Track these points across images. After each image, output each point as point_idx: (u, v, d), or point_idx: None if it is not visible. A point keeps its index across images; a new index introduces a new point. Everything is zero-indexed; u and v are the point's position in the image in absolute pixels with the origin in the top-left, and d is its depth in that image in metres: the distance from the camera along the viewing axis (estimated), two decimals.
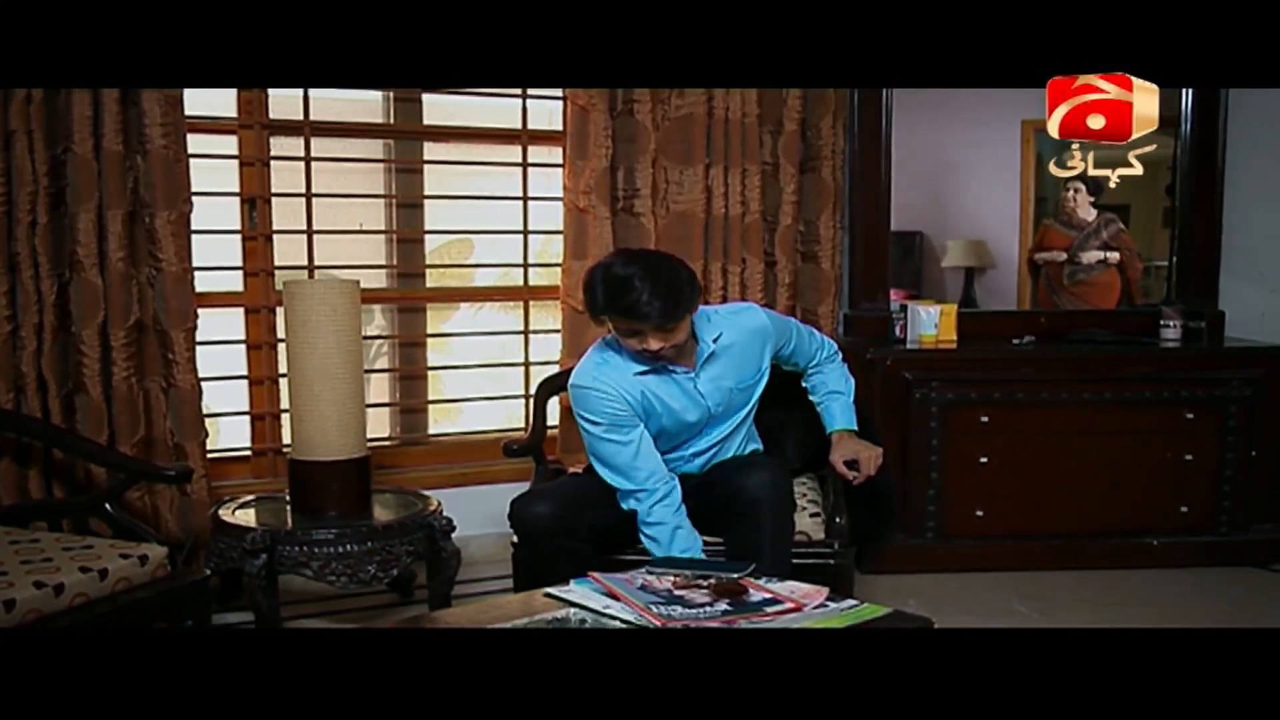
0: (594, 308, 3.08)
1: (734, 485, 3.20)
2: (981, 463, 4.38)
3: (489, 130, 4.52)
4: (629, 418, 3.17)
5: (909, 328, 4.57)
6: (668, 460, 3.31)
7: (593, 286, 3.06)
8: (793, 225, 4.54)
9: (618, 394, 3.16)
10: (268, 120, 4.07)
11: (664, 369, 3.20)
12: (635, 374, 3.19)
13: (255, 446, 4.18)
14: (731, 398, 3.33)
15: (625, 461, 3.17)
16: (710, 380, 3.27)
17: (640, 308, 2.99)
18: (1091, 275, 5.09)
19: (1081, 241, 5.10)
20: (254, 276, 4.11)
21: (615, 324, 3.07)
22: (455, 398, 4.81)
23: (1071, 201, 5.07)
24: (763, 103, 4.41)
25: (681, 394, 3.25)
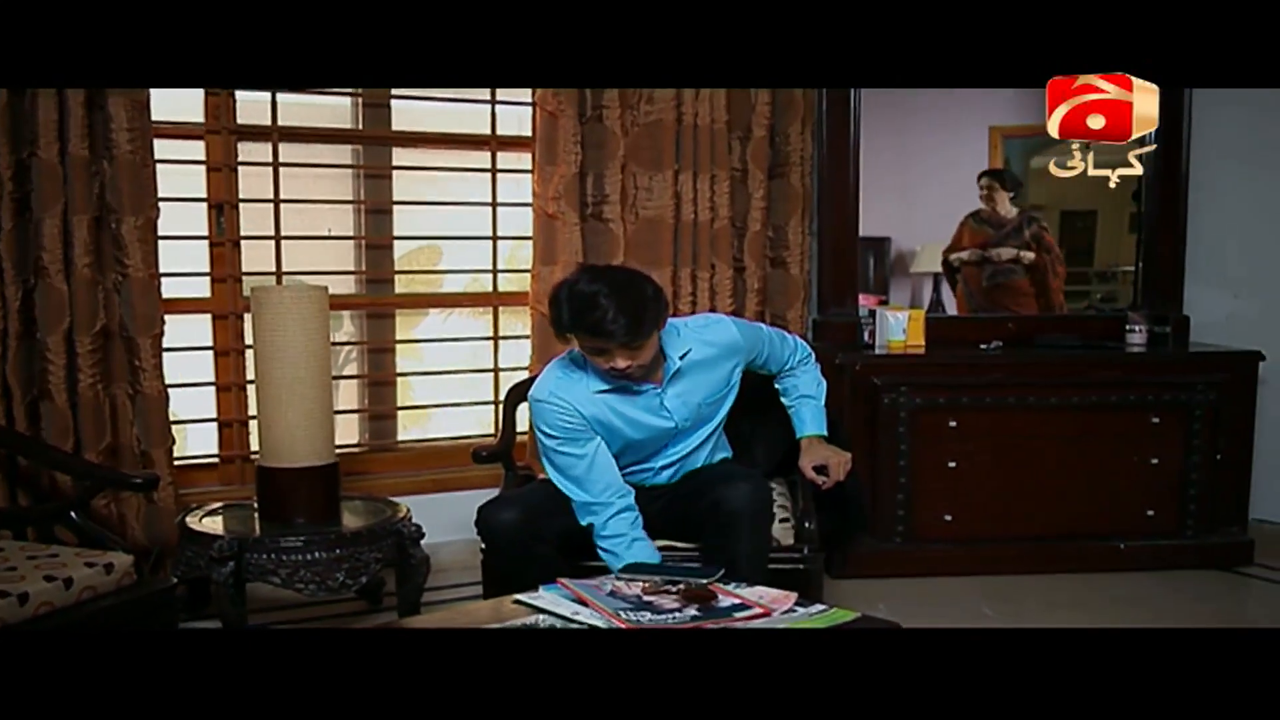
0: (559, 325, 3.04)
1: (714, 496, 3.17)
2: (950, 467, 4.40)
3: (458, 136, 4.51)
4: (585, 432, 3.15)
5: (878, 333, 4.59)
6: (635, 472, 3.30)
7: (557, 304, 3.03)
8: (761, 231, 4.55)
9: (573, 410, 3.14)
10: (235, 125, 4.06)
11: (628, 386, 3.18)
12: (595, 392, 3.16)
13: (223, 453, 4.16)
14: (700, 412, 3.31)
15: (581, 474, 3.15)
16: (677, 396, 3.25)
17: (605, 325, 2.94)
18: (1009, 279, 5.07)
19: (999, 239, 5.09)
20: (221, 283, 4.09)
21: (581, 342, 3.04)
22: (424, 404, 4.80)
23: (986, 198, 5.06)
24: (731, 109, 4.42)
25: (646, 410, 3.23)
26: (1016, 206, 5.08)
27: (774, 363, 3.49)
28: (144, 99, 3.65)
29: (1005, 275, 5.09)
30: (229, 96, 4.02)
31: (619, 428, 3.21)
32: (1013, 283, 5.09)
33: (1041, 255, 5.12)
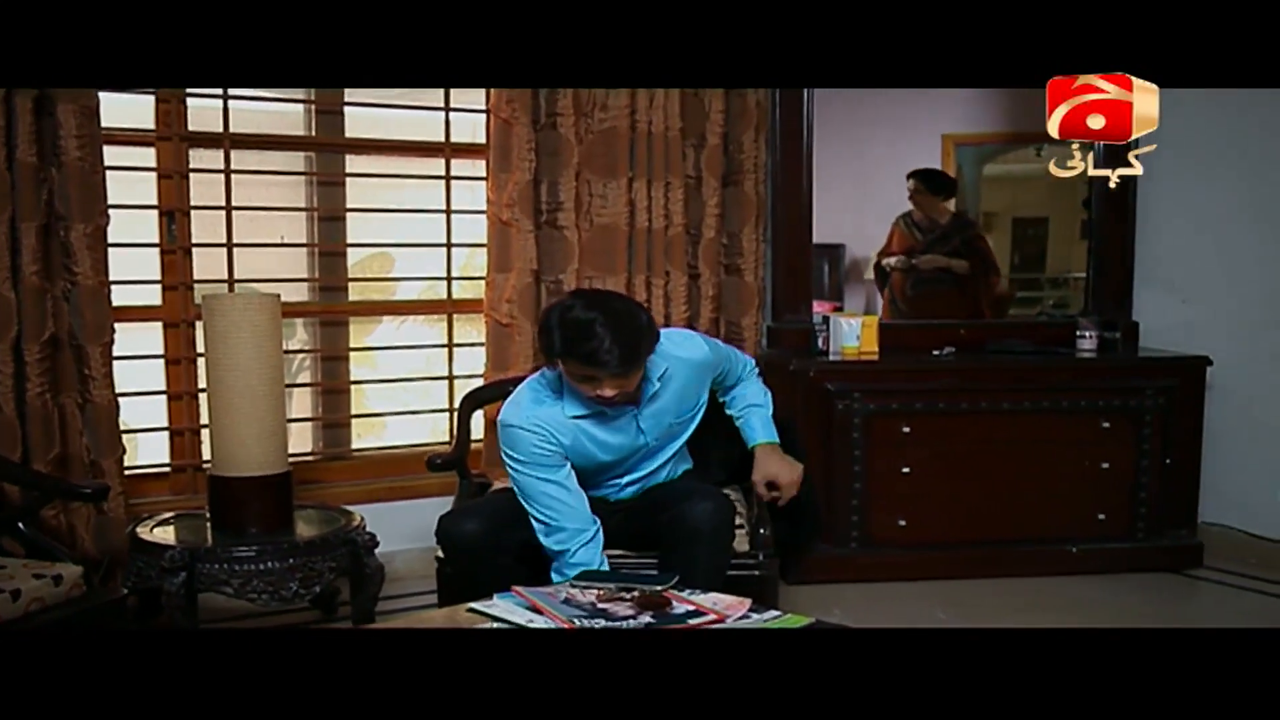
0: (549, 351, 2.99)
1: (676, 512, 3.15)
2: (904, 472, 4.43)
3: (412, 143, 4.49)
4: (557, 459, 3.11)
5: (831, 340, 4.60)
6: (601, 489, 3.29)
7: (549, 330, 2.97)
8: (716, 238, 4.56)
9: (548, 435, 3.09)
10: (186, 132, 4.03)
11: (604, 410, 3.13)
12: (571, 416, 3.12)
13: (174, 463, 4.13)
14: (671, 430, 3.31)
15: (551, 502, 3.10)
16: (652, 416, 3.23)
17: (600, 355, 2.90)
18: (936, 288, 5.07)
19: (926, 245, 5.09)
20: (173, 290, 4.06)
21: (570, 369, 2.98)
22: (378, 412, 4.77)
23: (915, 200, 5.05)
24: (685, 116, 4.44)
25: (620, 432, 3.20)
26: (951, 210, 5.08)
27: (730, 377, 3.49)
28: (94, 105, 3.61)
29: (932, 285, 5.07)
30: (180, 103, 3.99)
31: (592, 452, 3.18)
32: (940, 293, 5.09)
33: (975, 264, 5.12)
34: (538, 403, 3.13)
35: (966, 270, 5.12)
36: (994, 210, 5.31)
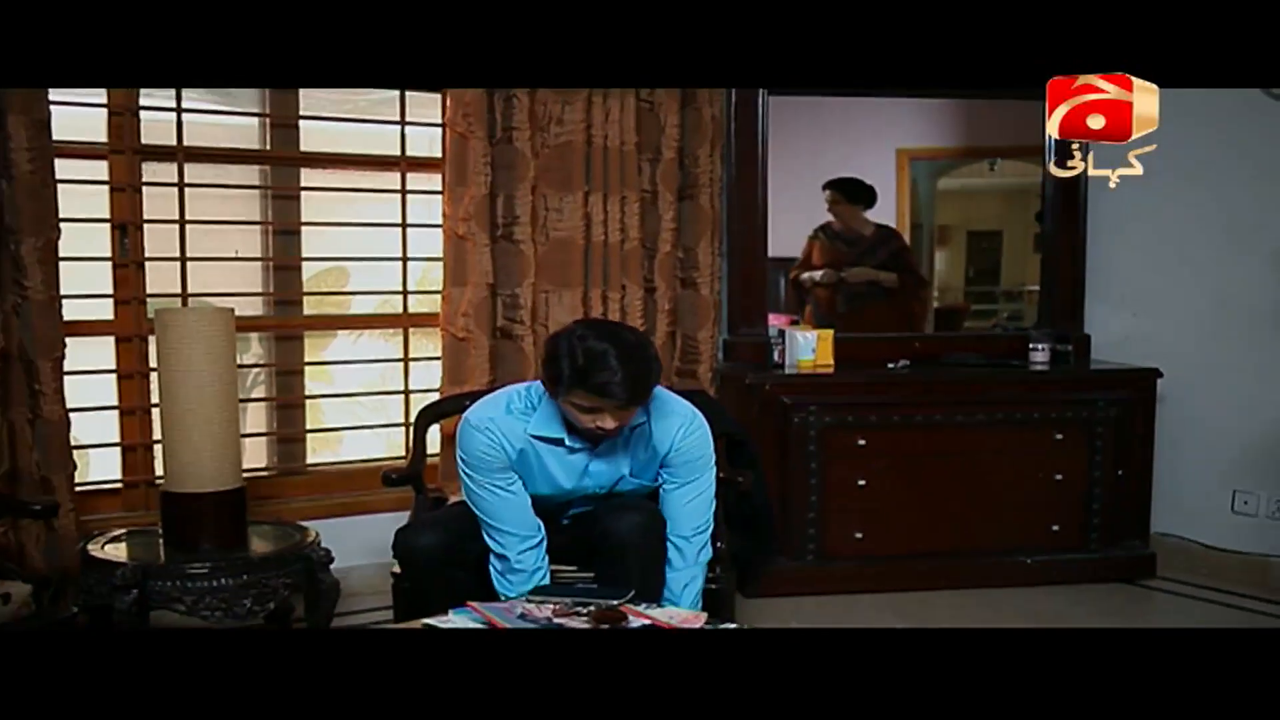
0: (558, 381, 2.90)
1: (605, 526, 3.13)
2: (860, 485, 4.45)
3: (367, 157, 4.48)
4: (502, 464, 3.08)
5: (787, 353, 4.63)
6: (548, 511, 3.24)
7: (558, 359, 2.89)
8: (672, 252, 4.58)
9: (500, 445, 3.06)
10: (139, 145, 4.00)
11: (563, 439, 3.09)
12: (532, 435, 3.09)
13: (126, 479, 4.08)
14: (619, 484, 3.22)
15: (496, 503, 3.10)
16: (606, 461, 3.16)
17: (612, 388, 2.85)
18: (867, 303, 5.05)
19: (853, 258, 5.07)
20: (125, 305, 4.02)
21: (576, 399, 2.91)
22: (333, 427, 4.74)
23: (834, 211, 5.01)
24: (641, 131, 4.45)
25: (568, 470, 3.15)
26: (874, 222, 5.06)
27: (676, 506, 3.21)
28: (44, 117, 3.58)
29: (863, 299, 5.06)
30: (133, 116, 3.96)
31: (534, 475, 3.14)
32: (872, 307, 5.07)
33: (904, 278, 5.12)
34: (507, 411, 3.11)
35: (896, 283, 5.11)
36: (949, 224, 5.34)
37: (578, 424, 2.99)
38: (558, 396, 2.95)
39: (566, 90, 4.31)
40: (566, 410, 2.97)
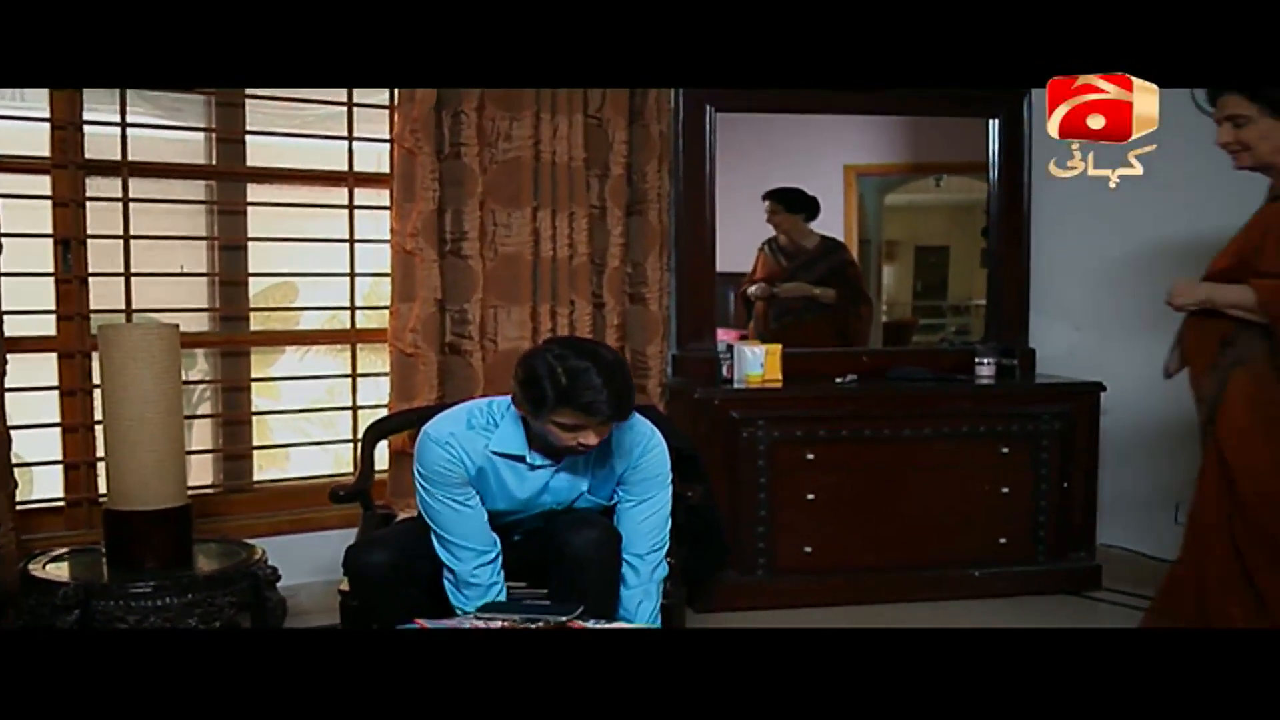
0: (541, 402, 2.87)
1: (560, 541, 3.12)
2: (809, 499, 4.47)
3: (315, 173, 4.46)
4: (459, 479, 3.07)
5: (736, 368, 4.64)
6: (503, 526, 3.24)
7: (538, 380, 2.87)
8: (620, 267, 4.58)
9: (460, 461, 3.05)
10: (83, 160, 3.96)
11: (524, 456, 3.09)
12: (492, 451, 3.08)
13: (69, 497, 4.03)
14: (577, 500, 3.23)
15: (452, 517, 3.09)
16: (567, 478, 3.17)
17: (598, 406, 2.84)
18: (801, 319, 5.06)
19: (790, 272, 5.08)
20: (68, 320, 3.97)
21: (558, 417, 2.89)
22: (280, 443, 4.71)
23: (774, 224, 5.01)
24: (589, 147, 4.46)
25: (524, 484, 3.15)
26: (819, 235, 5.08)
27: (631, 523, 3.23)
28: None
29: (797, 315, 5.08)
30: (76, 130, 3.93)
31: (492, 490, 3.14)
32: (806, 323, 5.09)
33: (844, 292, 5.12)
34: (468, 426, 3.10)
35: (833, 299, 5.12)
36: (896, 239, 5.39)
37: (557, 443, 2.97)
38: (539, 418, 2.92)
39: (514, 106, 4.31)
40: (547, 431, 2.95)
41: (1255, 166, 3.15)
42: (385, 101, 4.40)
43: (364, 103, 4.40)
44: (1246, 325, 3.06)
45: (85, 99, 3.95)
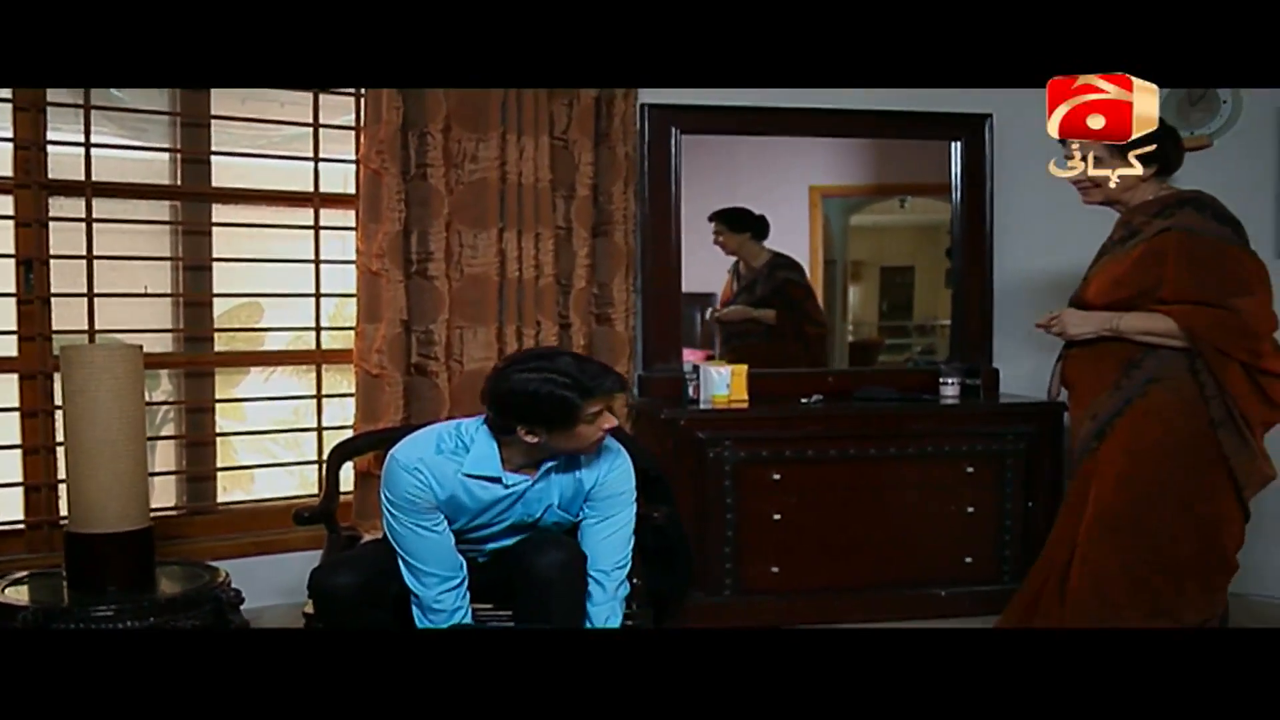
0: (569, 410, 2.95)
1: (527, 564, 3.13)
2: (775, 519, 4.46)
3: (280, 193, 4.45)
4: (427, 505, 3.08)
5: (702, 388, 4.64)
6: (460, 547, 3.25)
7: (549, 395, 2.94)
8: (586, 288, 4.59)
9: (429, 487, 3.06)
10: (46, 180, 3.94)
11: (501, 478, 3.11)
12: (464, 474, 3.09)
13: (29, 520, 4.00)
14: (546, 513, 3.24)
15: (418, 543, 3.10)
16: (540, 491, 3.19)
17: (611, 381, 3.02)
18: (745, 342, 5.03)
19: (736, 295, 5.06)
20: (30, 341, 3.95)
21: (589, 407, 2.97)
22: (244, 465, 4.68)
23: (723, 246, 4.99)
24: (555, 168, 4.47)
25: (504, 502, 3.16)
26: (769, 253, 5.08)
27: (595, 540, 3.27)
28: None
29: (743, 338, 5.06)
30: (40, 150, 3.91)
31: (468, 509, 3.14)
32: (751, 346, 5.05)
33: (785, 313, 5.12)
34: (437, 451, 3.10)
35: (772, 320, 5.12)
36: (861, 259, 5.41)
37: (584, 442, 3.06)
38: (570, 425, 2.99)
39: (480, 127, 4.31)
40: (575, 435, 3.02)
41: (1104, 202, 3.44)
42: (351, 122, 4.40)
43: (330, 124, 4.40)
44: (1153, 348, 3.29)
45: (49, 118, 3.93)
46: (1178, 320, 3.21)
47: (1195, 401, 3.26)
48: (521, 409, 2.98)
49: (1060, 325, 3.46)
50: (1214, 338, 3.20)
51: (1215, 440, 3.27)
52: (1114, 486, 3.37)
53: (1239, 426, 3.26)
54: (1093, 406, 3.39)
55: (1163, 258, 3.25)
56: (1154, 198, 3.38)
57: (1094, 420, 3.36)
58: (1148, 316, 3.28)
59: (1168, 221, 3.28)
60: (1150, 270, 3.27)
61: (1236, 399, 3.23)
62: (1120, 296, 3.32)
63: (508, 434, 3.06)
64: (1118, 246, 3.39)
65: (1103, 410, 3.35)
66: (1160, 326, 3.26)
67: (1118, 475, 3.35)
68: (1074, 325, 3.43)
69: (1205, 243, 3.26)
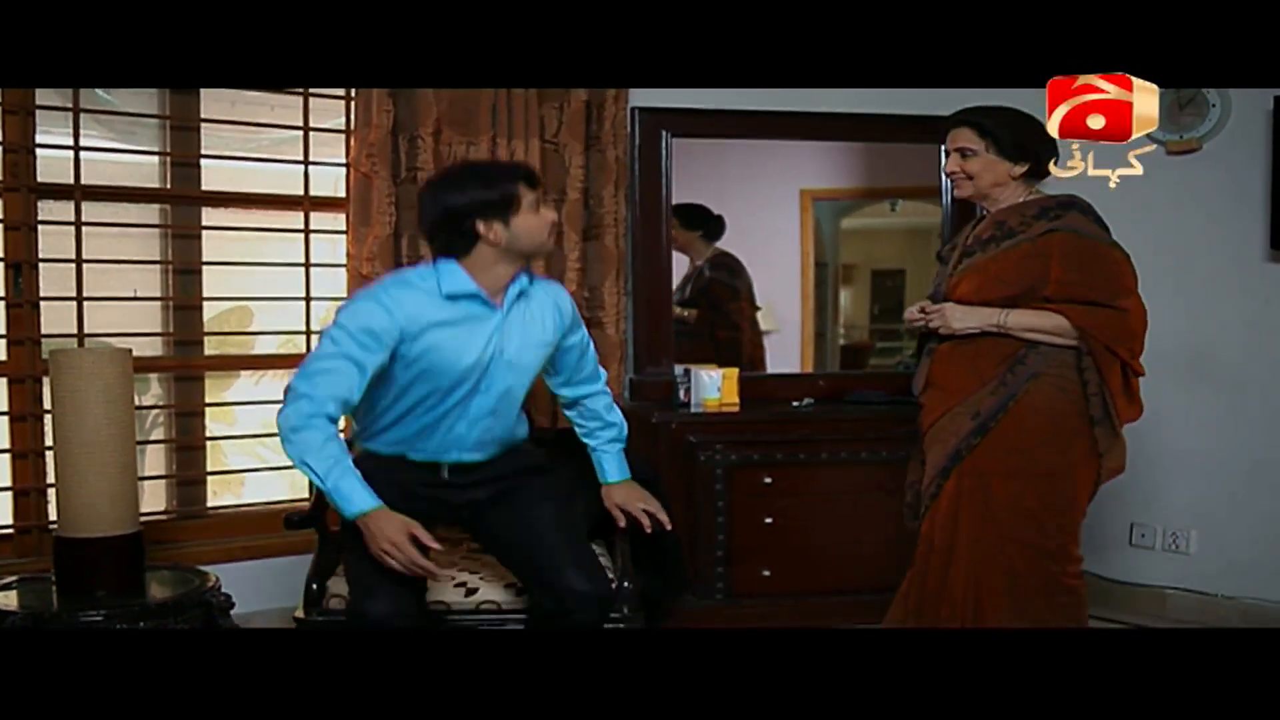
0: (509, 193, 3.06)
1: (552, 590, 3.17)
2: (767, 523, 4.46)
3: (270, 196, 4.44)
4: (378, 346, 3.02)
5: (693, 391, 4.65)
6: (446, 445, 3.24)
7: (481, 176, 3.12)
8: (577, 292, 4.58)
9: (393, 317, 3.02)
10: (35, 184, 3.93)
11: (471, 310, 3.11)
12: (446, 295, 3.08)
13: (18, 524, 3.98)
14: (521, 355, 3.23)
15: (322, 369, 3.01)
16: (511, 326, 3.19)
17: (524, 168, 3.19)
18: (680, 342, 4.96)
19: (675, 292, 4.98)
20: (19, 345, 3.94)
21: (526, 200, 3.08)
22: (233, 469, 4.66)
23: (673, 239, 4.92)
24: (546, 172, 4.45)
25: (480, 335, 3.13)
26: (718, 250, 5.07)
27: (569, 367, 3.49)
28: None
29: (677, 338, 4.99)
30: (29, 154, 3.90)
31: (447, 360, 3.10)
32: (682, 346, 4.99)
33: (710, 313, 5.11)
34: (410, 286, 3.12)
35: (692, 320, 5.10)
36: (853, 262, 5.42)
37: (538, 236, 3.14)
38: (513, 212, 3.07)
39: (471, 131, 4.30)
40: (525, 231, 3.09)
41: (974, 196, 3.46)
42: (341, 126, 4.40)
43: (320, 127, 4.39)
44: (1034, 345, 3.30)
45: (38, 122, 3.92)
46: (1071, 318, 3.23)
47: (1078, 398, 3.30)
48: (468, 200, 3.06)
49: (942, 319, 3.40)
50: (1105, 336, 3.24)
51: (1092, 436, 3.31)
52: (1000, 481, 3.36)
53: (1114, 423, 3.32)
54: (972, 404, 3.37)
55: (1048, 258, 3.27)
56: (1028, 200, 3.39)
57: (975, 418, 3.35)
58: (1035, 314, 3.28)
59: (1053, 223, 3.29)
60: (1035, 269, 3.28)
61: (1114, 396, 3.28)
62: (1004, 294, 3.31)
63: (464, 255, 3.10)
64: (991, 245, 3.38)
65: (985, 407, 3.34)
66: (1049, 324, 3.27)
67: (1004, 471, 3.35)
68: (958, 319, 3.38)
69: (1091, 245, 3.29)
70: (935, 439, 3.49)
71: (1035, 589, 3.38)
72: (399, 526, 2.94)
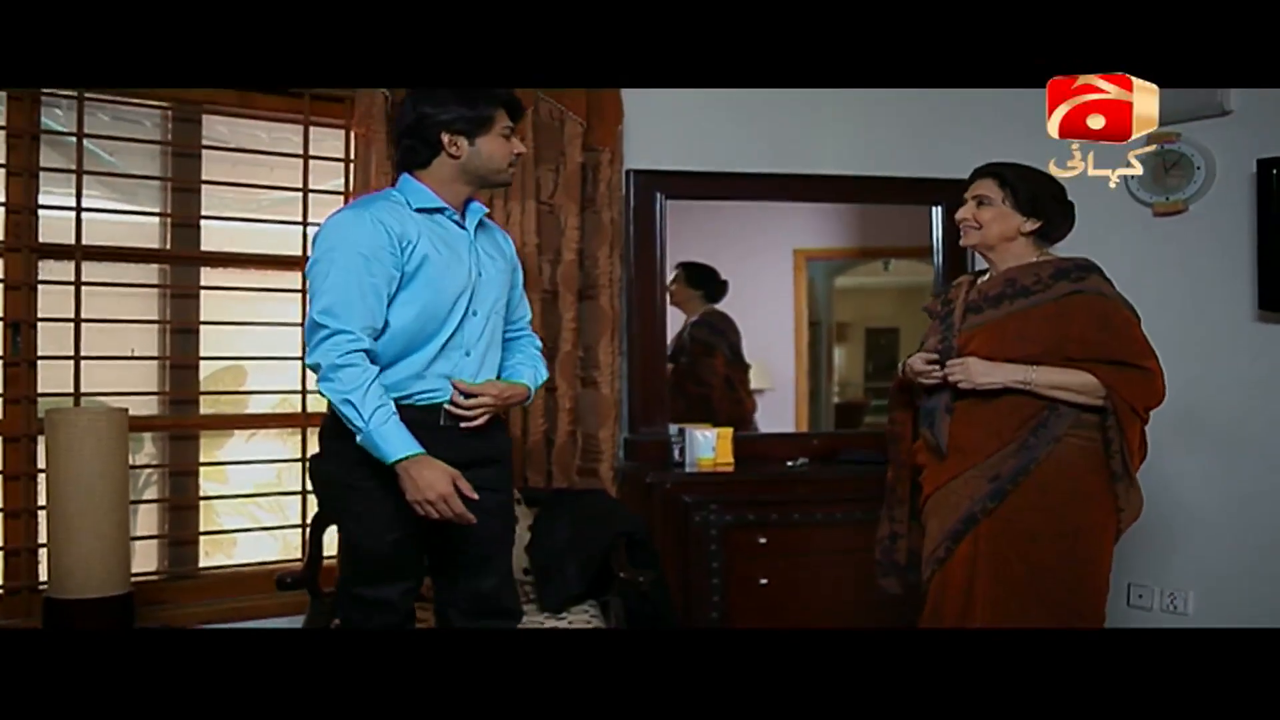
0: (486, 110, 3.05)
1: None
2: (762, 584, 4.44)
3: (268, 257, 4.46)
4: (391, 262, 2.94)
5: (687, 451, 4.65)
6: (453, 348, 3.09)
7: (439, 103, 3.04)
8: (572, 351, 4.60)
9: (390, 231, 2.94)
10: (36, 244, 3.95)
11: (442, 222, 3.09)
12: (418, 209, 3.04)
13: (9, 584, 3.95)
14: (494, 279, 3.18)
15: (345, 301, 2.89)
16: (485, 247, 3.18)
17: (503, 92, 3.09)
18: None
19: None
20: (15, 404, 3.94)
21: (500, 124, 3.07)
22: (226, 529, 4.65)
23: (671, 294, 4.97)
24: (541, 232, 4.50)
25: (453, 249, 3.07)
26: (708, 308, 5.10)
27: (514, 308, 3.36)
28: None
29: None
30: (31, 214, 3.92)
31: (436, 263, 3.02)
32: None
33: (680, 369, 5.09)
34: (384, 198, 3.09)
35: (668, 376, 5.04)
36: (847, 321, 5.45)
37: (498, 163, 3.10)
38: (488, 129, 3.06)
39: None
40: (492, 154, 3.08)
41: (979, 246, 3.46)
42: (340, 187, 4.43)
43: (319, 189, 4.42)
44: (1054, 405, 3.27)
45: (41, 183, 3.94)
46: (1101, 378, 3.22)
47: (1098, 457, 3.29)
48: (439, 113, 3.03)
49: (965, 372, 3.30)
50: (1131, 395, 3.24)
51: (1113, 492, 3.30)
52: (1024, 544, 3.28)
53: (1134, 478, 3.32)
54: (989, 466, 3.30)
55: (1071, 319, 3.28)
56: (1041, 260, 3.40)
57: (993, 480, 3.28)
58: (1062, 372, 3.26)
59: (1076, 285, 3.31)
60: (1058, 329, 3.28)
61: (1132, 454, 3.29)
62: (1025, 353, 3.29)
63: (423, 167, 3.08)
64: (1004, 302, 3.36)
65: (1005, 470, 3.28)
66: (1076, 381, 3.24)
67: (1029, 533, 3.28)
68: (981, 374, 3.29)
69: (1115, 307, 3.33)
70: (944, 502, 3.42)
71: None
72: (445, 475, 2.87)
